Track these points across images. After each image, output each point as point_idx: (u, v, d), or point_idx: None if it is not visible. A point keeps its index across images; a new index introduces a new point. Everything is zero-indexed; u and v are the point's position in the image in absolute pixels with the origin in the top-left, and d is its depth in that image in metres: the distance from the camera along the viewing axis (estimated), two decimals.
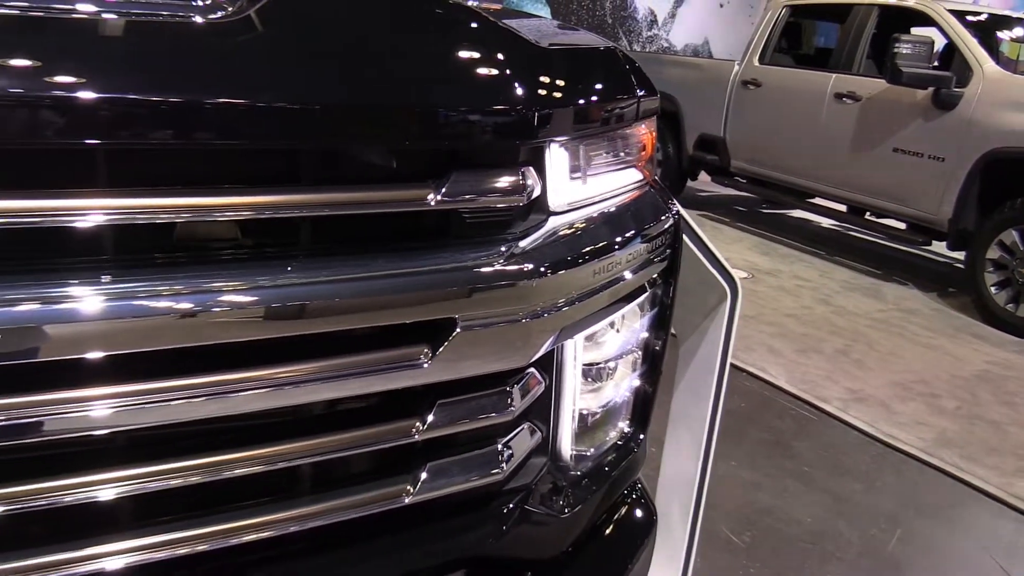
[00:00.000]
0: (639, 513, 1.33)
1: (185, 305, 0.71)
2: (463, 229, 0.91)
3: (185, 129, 0.71)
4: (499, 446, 0.99)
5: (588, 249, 1.00)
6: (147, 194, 0.70)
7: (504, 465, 0.98)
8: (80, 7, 0.74)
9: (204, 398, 0.75)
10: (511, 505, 1.04)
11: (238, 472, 0.79)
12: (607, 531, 1.25)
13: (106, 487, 0.74)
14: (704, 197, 8.42)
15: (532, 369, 1.00)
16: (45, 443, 0.71)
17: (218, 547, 0.80)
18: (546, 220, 0.98)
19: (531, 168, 0.94)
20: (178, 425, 0.75)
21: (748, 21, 11.34)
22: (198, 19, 0.80)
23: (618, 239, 1.06)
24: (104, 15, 0.75)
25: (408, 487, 0.91)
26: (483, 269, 0.88)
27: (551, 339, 0.96)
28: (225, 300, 0.73)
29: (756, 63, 6.96)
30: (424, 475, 0.92)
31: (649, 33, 11.63)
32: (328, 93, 0.79)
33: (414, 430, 0.89)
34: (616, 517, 1.28)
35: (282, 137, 0.77)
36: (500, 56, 0.95)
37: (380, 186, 0.83)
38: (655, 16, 11.63)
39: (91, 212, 0.68)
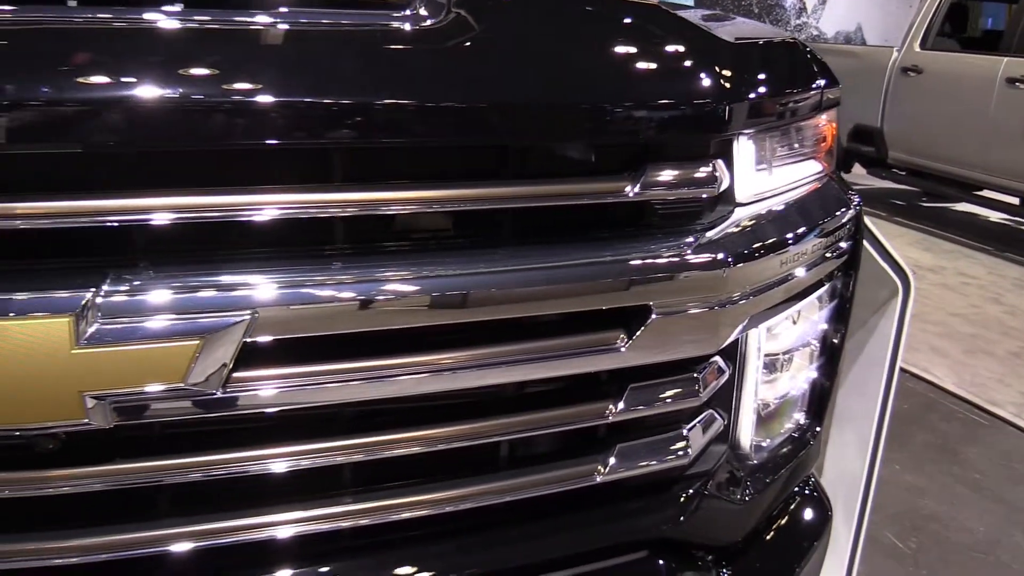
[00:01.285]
0: (813, 508, 1.32)
1: (419, 289, 0.78)
2: (655, 219, 0.94)
3: (412, 129, 0.78)
4: (684, 431, 1.02)
5: (774, 239, 1.01)
6: (384, 188, 0.78)
7: (689, 450, 1.01)
8: (304, 22, 0.82)
9: (440, 373, 0.82)
10: (692, 490, 1.07)
11: (468, 444, 0.87)
12: (783, 523, 1.25)
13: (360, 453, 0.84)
14: (858, 190, 8.03)
15: (718, 357, 1.02)
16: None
17: (436, 513, 0.88)
18: (732, 211, 1.00)
19: (720, 160, 0.96)
20: (412, 399, 0.83)
21: (905, 5, 10.74)
22: (407, 27, 0.87)
23: (802, 229, 1.07)
24: (329, 28, 0.83)
25: (599, 467, 0.95)
26: (676, 258, 0.91)
27: (739, 328, 0.98)
28: (448, 285, 0.79)
29: (917, 48, 6.60)
30: (614, 457, 0.96)
31: (797, 21, 11.21)
32: (534, 93, 0.85)
33: (608, 412, 0.93)
34: (791, 510, 1.28)
35: (494, 135, 0.83)
36: (692, 52, 0.97)
37: (584, 179, 0.88)
38: (804, 3, 11.20)
39: (341, 205, 0.76)
